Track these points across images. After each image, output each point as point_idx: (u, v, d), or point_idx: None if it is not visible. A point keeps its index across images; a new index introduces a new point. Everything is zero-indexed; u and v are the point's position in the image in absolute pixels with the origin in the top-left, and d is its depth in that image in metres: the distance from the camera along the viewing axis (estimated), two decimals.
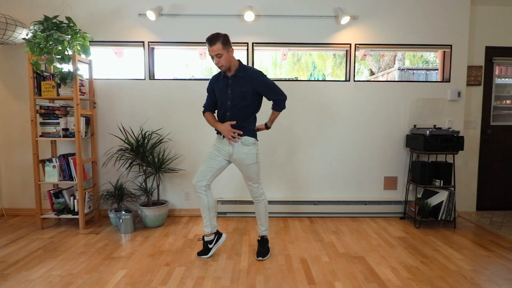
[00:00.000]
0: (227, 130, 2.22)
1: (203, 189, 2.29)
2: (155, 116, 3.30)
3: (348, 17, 3.13)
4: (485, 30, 3.43)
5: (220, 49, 2.10)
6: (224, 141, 2.29)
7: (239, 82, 2.21)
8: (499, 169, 3.60)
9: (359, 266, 2.24)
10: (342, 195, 3.41)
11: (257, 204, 2.38)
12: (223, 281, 2.03)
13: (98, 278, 2.06)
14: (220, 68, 2.19)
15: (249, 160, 2.26)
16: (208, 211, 2.33)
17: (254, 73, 2.22)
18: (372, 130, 3.35)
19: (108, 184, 3.31)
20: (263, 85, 2.21)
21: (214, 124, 2.32)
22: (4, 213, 3.35)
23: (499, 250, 2.54)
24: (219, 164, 2.32)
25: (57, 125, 2.91)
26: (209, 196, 2.33)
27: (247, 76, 2.20)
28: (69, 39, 2.79)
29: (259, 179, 2.36)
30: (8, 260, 2.31)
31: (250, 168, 2.28)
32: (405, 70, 7.53)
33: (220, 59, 2.13)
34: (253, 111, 2.28)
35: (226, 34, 2.16)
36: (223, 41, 2.10)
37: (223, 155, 2.30)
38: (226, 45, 2.13)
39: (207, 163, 2.31)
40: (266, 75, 2.27)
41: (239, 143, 2.25)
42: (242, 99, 2.21)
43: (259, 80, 2.21)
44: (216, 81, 2.32)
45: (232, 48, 2.18)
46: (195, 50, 3.48)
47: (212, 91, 2.36)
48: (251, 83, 2.19)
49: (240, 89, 2.20)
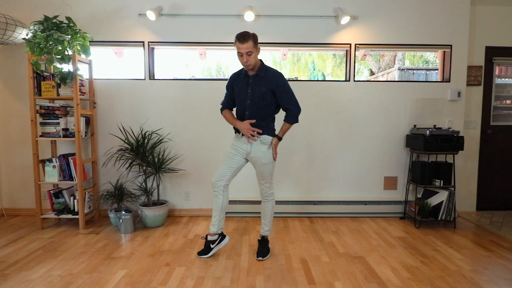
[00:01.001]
0: (247, 128, 2.22)
1: (221, 189, 2.30)
2: (155, 116, 3.30)
3: (348, 17, 3.13)
4: (485, 30, 3.43)
5: (251, 47, 2.10)
6: (243, 139, 2.28)
7: (260, 82, 2.20)
8: (499, 169, 3.60)
9: (359, 266, 2.24)
10: (342, 195, 3.41)
11: (265, 203, 2.39)
12: (223, 281, 2.03)
13: (98, 278, 2.06)
14: (247, 66, 2.17)
15: (266, 159, 2.26)
16: (220, 211, 2.32)
17: (275, 74, 2.22)
18: (372, 130, 3.35)
19: (108, 184, 3.31)
20: (281, 88, 2.20)
21: (233, 122, 2.32)
22: (4, 213, 3.35)
23: (499, 250, 2.54)
24: (237, 163, 2.32)
25: (57, 125, 2.91)
26: (225, 197, 2.33)
27: (267, 77, 2.20)
28: (69, 39, 2.79)
29: (272, 178, 2.37)
30: (8, 260, 2.31)
31: (266, 167, 2.28)
32: (405, 70, 7.53)
33: (249, 57, 2.12)
34: (272, 111, 2.28)
35: (255, 33, 2.17)
36: (254, 39, 2.12)
37: (240, 153, 2.30)
38: (256, 44, 2.15)
39: (226, 163, 2.30)
40: (287, 80, 2.24)
41: (258, 141, 2.25)
42: (261, 99, 2.20)
43: (278, 82, 2.19)
44: (236, 79, 2.31)
45: (259, 49, 2.19)
46: (195, 50, 3.47)
47: (231, 89, 2.35)
48: (271, 84, 2.19)
49: (260, 89, 2.19)
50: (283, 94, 2.21)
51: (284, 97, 2.22)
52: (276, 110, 2.33)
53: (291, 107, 2.24)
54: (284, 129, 2.30)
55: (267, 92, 2.19)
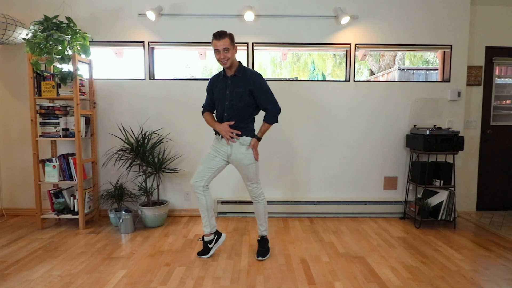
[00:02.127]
0: (225, 130, 2.22)
1: (201, 190, 2.29)
2: (155, 116, 3.30)
3: (348, 17, 3.13)
4: (485, 30, 3.43)
5: (227, 44, 2.12)
6: (223, 141, 2.28)
7: (237, 83, 2.21)
8: (499, 169, 3.60)
9: (359, 266, 2.24)
10: (342, 195, 3.41)
11: (256, 204, 2.38)
12: (223, 281, 2.03)
13: (98, 278, 2.06)
14: (224, 63, 2.17)
15: (248, 160, 2.26)
16: (206, 211, 2.33)
17: (252, 74, 2.22)
18: (372, 130, 3.35)
19: (108, 184, 3.31)
20: (259, 88, 2.20)
21: (213, 124, 2.32)
22: (4, 213, 3.35)
23: (499, 250, 2.54)
24: (217, 165, 2.32)
25: (57, 125, 2.91)
26: (208, 197, 2.33)
27: (245, 77, 2.20)
28: (69, 39, 2.79)
29: (258, 179, 2.36)
30: (8, 260, 2.31)
31: (249, 168, 2.27)
32: (405, 70, 7.53)
33: (226, 53, 2.13)
34: (251, 112, 2.28)
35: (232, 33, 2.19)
36: (231, 37, 2.15)
37: (221, 155, 2.30)
38: (233, 43, 2.17)
39: (205, 164, 2.31)
40: (265, 80, 2.25)
41: (237, 143, 2.24)
42: (239, 100, 2.20)
43: (256, 82, 2.19)
44: (215, 81, 2.32)
45: (236, 48, 2.22)
46: (195, 50, 3.47)
47: (211, 91, 2.37)
48: (248, 84, 2.19)
49: (238, 89, 2.20)
50: (261, 94, 2.20)
51: (262, 97, 2.21)
52: (256, 111, 2.32)
53: (270, 106, 2.22)
54: (263, 129, 2.27)
55: (245, 92, 2.19)
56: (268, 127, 2.28)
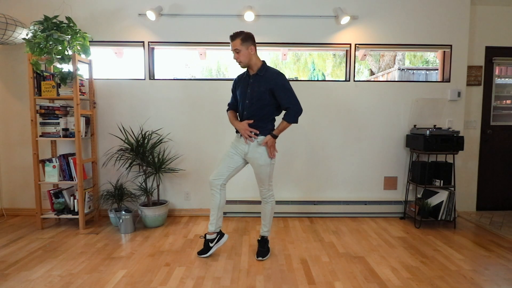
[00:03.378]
0: (244, 128, 2.23)
1: (218, 188, 2.30)
2: (155, 116, 3.30)
3: (348, 17, 3.13)
4: (485, 30, 3.43)
5: (238, 45, 2.15)
6: (241, 139, 2.29)
7: (259, 82, 2.21)
8: (499, 169, 3.60)
9: (359, 266, 2.24)
10: (342, 195, 3.41)
11: (265, 204, 2.38)
12: (223, 281, 2.03)
13: (98, 278, 2.06)
14: (238, 64, 2.24)
15: (262, 161, 2.25)
16: (217, 209, 2.33)
17: (274, 73, 2.21)
18: (372, 130, 3.35)
19: (108, 184, 3.31)
20: (280, 87, 2.18)
21: (233, 122, 2.35)
22: (4, 213, 3.35)
23: (499, 250, 2.54)
24: (236, 163, 2.32)
25: (57, 125, 2.91)
26: (223, 196, 2.33)
27: (266, 76, 2.20)
28: (69, 39, 2.79)
29: (271, 181, 2.35)
30: (8, 260, 2.31)
31: (263, 168, 2.27)
32: (405, 70, 7.53)
33: (238, 54, 2.18)
34: (271, 112, 2.27)
35: (249, 32, 2.20)
36: (243, 38, 2.16)
37: (239, 154, 2.31)
38: (246, 42, 2.17)
39: (224, 162, 2.31)
40: (287, 80, 2.22)
41: (255, 142, 2.25)
42: (259, 99, 2.20)
43: (277, 81, 2.18)
44: (240, 80, 2.35)
45: (253, 46, 2.21)
46: (195, 50, 3.47)
47: (235, 90, 2.38)
48: (269, 83, 2.18)
49: (258, 88, 2.20)
50: (282, 94, 2.19)
51: (283, 96, 2.19)
52: (277, 112, 2.31)
53: (291, 106, 2.20)
54: (281, 127, 2.23)
55: (265, 92, 2.19)
56: (286, 126, 2.23)
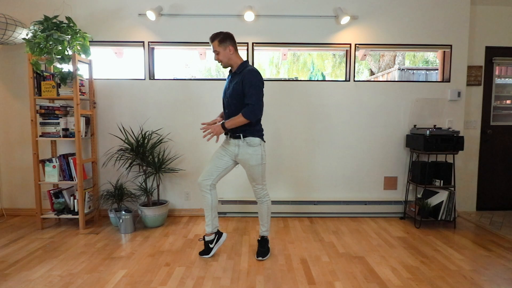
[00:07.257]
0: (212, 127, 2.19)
1: (208, 188, 2.30)
2: (155, 116, 3.30)
3: (348, 17, 3.13)
4: (485, 30, 3.43)
5: (216, 46, 2.20)
6: (231, 141, 2.28)
7: (235, 79, 2.23)
8: (499, 169, 3.60)
9: (359, 266, 2.24)
10: (342, 195, 3.41)
11: (260, 204, 2.38)
12: (223, 281, 2.03)
13: (98, 278, 2.06)
14: (219, 63, 2.31)
15: (254, 161, 2.25)
16: (211, 210, 2.33)
17: (248, 71, 2.17)
18: (372, 130, 3.35)
19: (108, 184, 3.31)
20: (247, 83, 2.13)
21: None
22: (4, 213, 3.35)
23: (499, 250, 2.54)
24: (225, 164, 2.32)
25: (57, 125, 2.91)
26: (213, 196, 2.33)
27: (241, 73, 2.20)
28: (69, 39, 2.79)
29: (264, 180, 2.35)
30: (8, 260, 2.31)
31: (255, 169, 2.27)
32: (405, 70, 7.53)
33: (217, 56, 2.24)
34: None
35: (227, 32, 2.20)
36: (220, 39, 2.18)
37: (229, 155, 2.31)
38: (223, 43, 2.19)
39: (213, 162, 2.31)
40: (259, 79, 2.16)
41: (245, 143, 2.23)
42: (235, 97, 2.20)
43: (246, 77, 2.14)
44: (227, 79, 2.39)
45: (232, 46, 2.21)
46: (195, 50, 3.47)
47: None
48: (242, 80, 2.17)
49: (236, 86, 2.20)
50: (247, 89, 2.13)
51: (247, 92, 2.13)
52: None
53: (251, 103, 2.12)
54: (235, 121, 2.14)
55: (240, 89, 2.17)
56: (239, 121, 2.14)
